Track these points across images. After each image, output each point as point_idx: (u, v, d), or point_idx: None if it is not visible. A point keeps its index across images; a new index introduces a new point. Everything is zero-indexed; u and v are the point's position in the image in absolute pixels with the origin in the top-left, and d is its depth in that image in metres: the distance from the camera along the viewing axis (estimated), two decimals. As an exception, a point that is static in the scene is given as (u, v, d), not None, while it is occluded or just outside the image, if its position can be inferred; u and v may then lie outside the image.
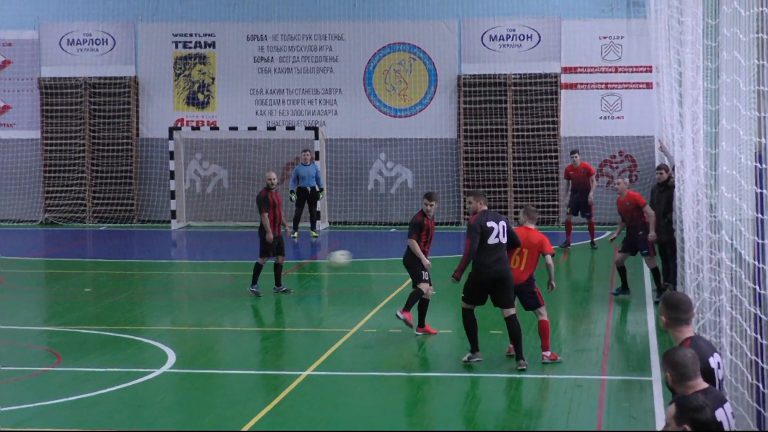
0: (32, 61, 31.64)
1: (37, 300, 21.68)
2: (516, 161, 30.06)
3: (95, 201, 31.28)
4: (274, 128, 30.35)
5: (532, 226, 15.33)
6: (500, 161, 30.12)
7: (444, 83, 30.50)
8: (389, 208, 29.71)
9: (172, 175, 30.21)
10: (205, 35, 31.38)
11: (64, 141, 31.40)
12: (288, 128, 30.24)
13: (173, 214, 30.15)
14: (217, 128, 30.65)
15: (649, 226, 19.25)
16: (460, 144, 30.25)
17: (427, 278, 16.70)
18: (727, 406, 7.16)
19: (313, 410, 13.18)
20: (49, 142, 31.42)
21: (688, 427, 6.53)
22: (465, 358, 14.89)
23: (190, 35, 31.44)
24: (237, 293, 20.61)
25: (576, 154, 26.25)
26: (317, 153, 29.34)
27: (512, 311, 14.67)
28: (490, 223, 14.65)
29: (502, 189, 29.96)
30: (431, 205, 16.57)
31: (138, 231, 30.30)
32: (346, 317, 18.36)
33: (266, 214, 20.05)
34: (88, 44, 31.59)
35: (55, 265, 25.57)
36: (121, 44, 31.43)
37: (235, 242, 27.72)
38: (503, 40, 30.41)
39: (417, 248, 16.49)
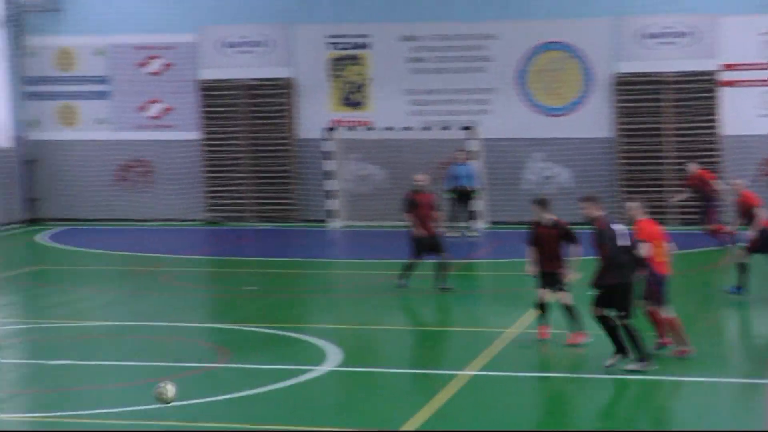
0: (192, 64, 32.29)
1: (202, 298, 22.17)
2: (673, 161, 29.65)
3: (255, 200, 31.82)
4: (429, 128, 30.49)
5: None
6: (657, 161, 29.77)
7: (599, 82, 30.23)
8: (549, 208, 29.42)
9: (328, 175, 30.59)
10: (359, 36, 31.63)
11: (223, 141, 31.98)
12: (443, 128, 30.34)
13: (329, 214, 30.51)
14: (372, 128, 30.93)
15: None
16: (617, 143, 29.96)
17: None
18: None
19: (475, 410, 13.20)
20: (209, 142, 32.05)
21: None
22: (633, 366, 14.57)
23: (345, 36, 31.72)
24: (395, 292, 20.74)
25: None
26: (472, 153, 29.39)
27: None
28: (615, 227, 14.58)
29: (659, 189, 29.56)
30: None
31: (296, 230, 30.71)
32: (504, 317, 18.35)
33: (411, 214, 20.24)
34: (246, 46, 32.11)
35: (218, 263, 26.07)
36: (278, 46, 31.86)
37: (391, 241, 27.87)
38: (659, 38, 30.01)
39: None
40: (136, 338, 17.62)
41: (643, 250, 14.60)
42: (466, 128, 30.05)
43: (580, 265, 16.18)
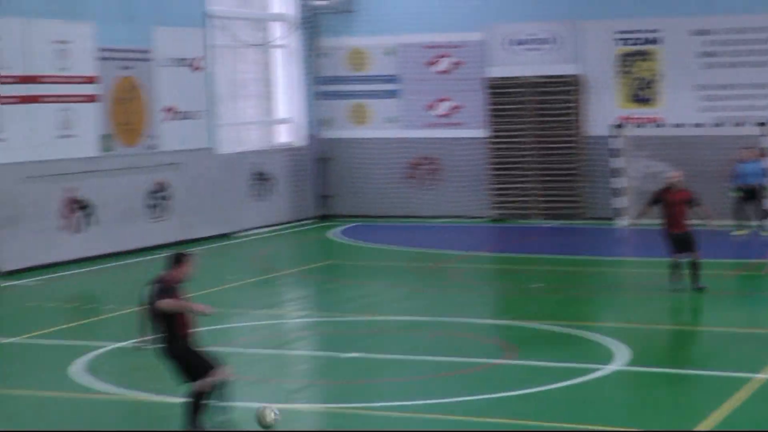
0: (479, 62, 32.54)
1: (489, 294, 22.35)
2: None
3: (540, 198, 31.82)
4: (721, 125, 29.72)
5: None
6: None
7: None
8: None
9: (615, 172, 30.25)
10: (649, 31, 31.14)
11: (510, 139, 32.11)
12: (736, 125, 29.51)
13: (616, 212, 30.15)
14: (662, 125, 30.40)
15: None
16: None
17: None
18: None
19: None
20: (495, 140, 32.24)
21: None
22: None
23: (635, 32, 31.29)
24: (680, 292, 20.30)
25: None
26: (765, 149, 28.50)
27: None
28: None
29: None
30: None
31: (582, 228, 30.52)
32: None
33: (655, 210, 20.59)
34: (532, 44, 32.12)
35: (504, 260, 26.19)
36: (565, 43, 31.72)
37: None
38: None
39: None
40: (425, 334, 17.88)
41: None
42: (761, 124, 29.13)
43: None
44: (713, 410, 12.83)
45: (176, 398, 12.98)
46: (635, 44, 31.23)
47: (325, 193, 33.94)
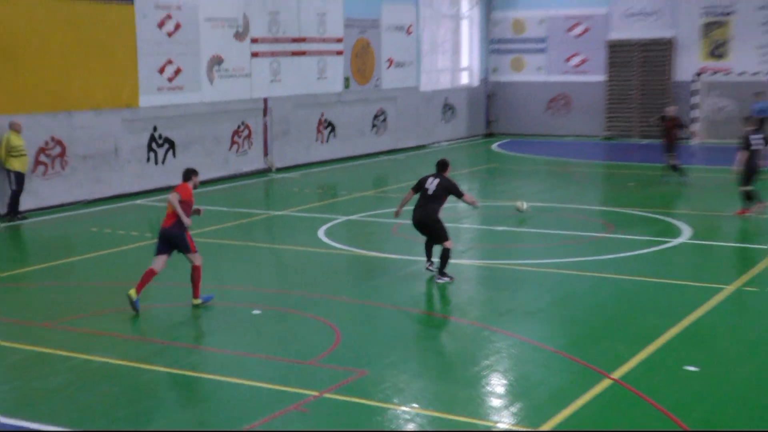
0: (603, 29, 31.72)
1: (597, 188, 21.95)
2: None
3: (641, 124, 31.09)
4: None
5: None
6: None
7: None
8: None
9: (694, 106, 29.27)
10: (727, 6, 29.76)
11: (622, 83, 31.38)
12: (784, 74, 28.15)
13: (693, 135, 29.27)
14: (730, 73, 29.24)
15: None
16: None
17: None
18: None
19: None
20: (612, 83, 31.55)
21: None
22: None
23: (716, 6, 30.00)
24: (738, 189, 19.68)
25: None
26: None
27: None
28: None
29: None
30: None
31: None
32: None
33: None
34: (642, 15, 31.10)
35: (611, 167, 25.63)
36: (665, 15, 30.65)
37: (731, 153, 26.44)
38: None
39: None
40: (554, 215, 17.78)
41: None
42: (803, 74, 27.70)
43: None
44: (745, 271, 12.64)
45: (379, 253, 13.36)
46: (716, 15, 29.90)
47: (490, 119, 33.87)
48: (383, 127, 28.82)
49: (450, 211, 16.44)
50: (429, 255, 12.66)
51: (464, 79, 33.52)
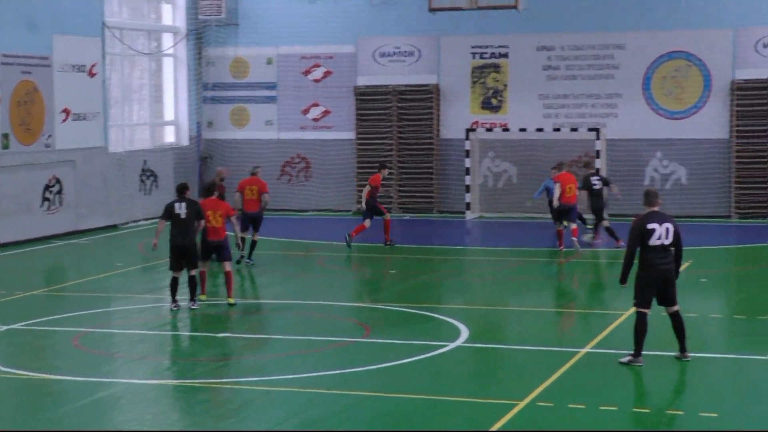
0: (350, 72, 32.52)
1: (349, 280, 22.31)
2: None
3: (401, 194, 31.91)
4: (559, 129, 30.20)
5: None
6: (768, 160, 29.06)
7: (718, 88, 29.52)
8: (664, 203, 28.95)
9: (467, 171, 30.49)
10: (499, 47, 31.46)
11: (374, 141, 32.15)
12: (572, 129, 30.00)
13: (468, 206, 30.42)
14: (508, 129, 30.77)
15: None
16: (733, 144, 29.27)
17: None
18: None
19: (591, 385, 13.06)
20: (362, 142, 32.25)
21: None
22: (626, 359, 13.83)
23: (487, 47, 31.59)
24: (522, 276, 20.55)
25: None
26: (597, 152, 29.04)
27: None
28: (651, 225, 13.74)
29: (769, 186, 28.96)
30: None
31: (436, 221, 30.70)
32: (620, 301, 17.96)
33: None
34: (397, 56, 32.21)
35: (365, 249, 26.11)
36: (426, 56, 31.90)
37: (521, 232, 27.72)
38: (770, 47, 29.33)
39: None
40: (291, 315, 17.81)
41: None
42: (593, 129, 29.64)
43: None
44: (543, 382, 13.00)
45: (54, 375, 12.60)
46: (487, 58, 31.51)
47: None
48: (58, 201, 27.86)
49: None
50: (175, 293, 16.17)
51: (169, 136, 33.24)
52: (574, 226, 23.80)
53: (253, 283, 21.17)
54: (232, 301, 18.19)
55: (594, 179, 24.48)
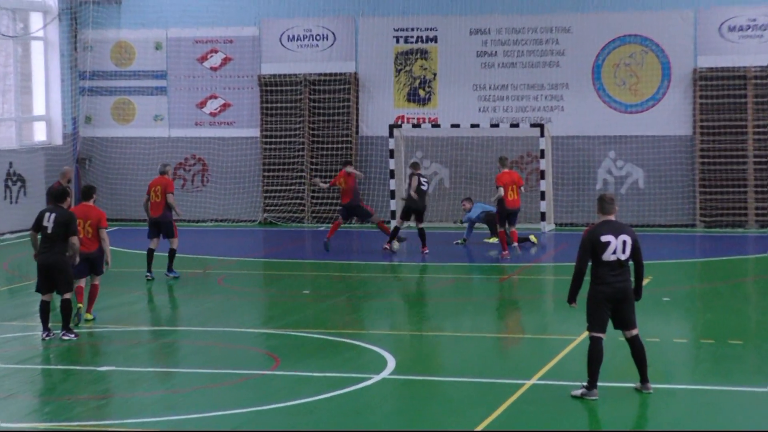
0: (253, 59, 32.39)
1: (254, 302, 22.19)
2: (757, 159, 29.27)
3: (314, 201, 31.83)
4: (497, 125, 30.30)
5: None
6: (740, 159, 29.38)
7: (678, 77, 29.91)
8: (620, 210, 29.23)
9: (391, 174, 30.47)
10: (427, 29, 31.55)
11: (283, 139, 32.05)
12: (512, 125, 30.13)
13: (393, 215, 30.39)
14: (438, 126, 30.81)
15: None
16: (696, 141, 29.63)
17: None
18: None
19: (539, 422, 13.07)
20: (268, 140, 32.12)
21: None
22: (578, 392, 13.85)
23: (412, 30, 31.67)
24: (457, 297, 20.61)
25: None
26: (542, 151, 29.21)
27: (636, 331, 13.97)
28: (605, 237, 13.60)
29: (742, 189, 29.23)
30: None
31: (356, 232, 30.69)
32: (571, 324, 18.08)
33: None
34: (308, 40, 32.18)
35: (273, 266, 26.09)
36: (342, 40, 31.89)
37: (455, 245, 27.77)
38: (743, 30, 29.64)
39: None
40: (187, 344, 17.72)
41: None
42: (537, 125, 29.81)
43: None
44: (483, 419, 13.01)
45: None
46: (412, 42, 31.58)
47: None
48: None
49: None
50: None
51: (40, 134, 32.93)
52: (513, 229, 24.33)
53: (144, 307, 20.94)
54: (90, 316, 18.55)
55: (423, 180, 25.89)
